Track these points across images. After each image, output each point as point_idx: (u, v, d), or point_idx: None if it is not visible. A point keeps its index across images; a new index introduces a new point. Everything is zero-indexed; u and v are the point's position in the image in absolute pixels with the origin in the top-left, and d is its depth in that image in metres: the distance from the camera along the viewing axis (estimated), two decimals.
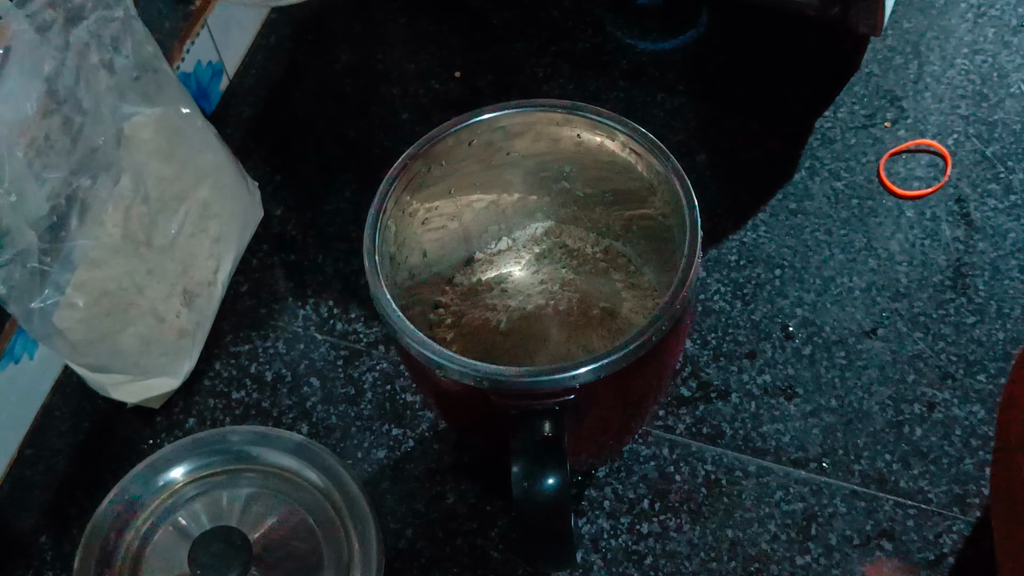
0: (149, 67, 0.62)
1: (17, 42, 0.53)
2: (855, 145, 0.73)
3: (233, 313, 0.70)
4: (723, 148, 0.74)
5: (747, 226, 0.71)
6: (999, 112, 0.74)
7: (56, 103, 0.55)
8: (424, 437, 0.65)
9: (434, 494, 0.63)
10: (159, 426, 0.66)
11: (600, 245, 0.64)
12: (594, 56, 0.79)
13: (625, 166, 0.57)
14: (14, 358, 0.64)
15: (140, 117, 0.62)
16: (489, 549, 0.61)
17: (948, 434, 0.62)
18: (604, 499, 0.62)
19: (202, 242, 0.67)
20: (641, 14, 0.81)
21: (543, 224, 0.64)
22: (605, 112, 0.55)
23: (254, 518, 0.56)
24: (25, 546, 0.63)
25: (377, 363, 0.68)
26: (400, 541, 0.62)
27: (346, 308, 0.70)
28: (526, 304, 0.61)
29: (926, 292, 0.67)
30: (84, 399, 0.67)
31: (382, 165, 0.55)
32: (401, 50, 0.81)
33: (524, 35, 0.81)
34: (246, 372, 0.68)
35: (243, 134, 0.78)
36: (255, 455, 0.58)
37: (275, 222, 0.74)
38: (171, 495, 0.57)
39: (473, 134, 0.57)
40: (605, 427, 0.57)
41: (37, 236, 0.55)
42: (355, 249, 0.54)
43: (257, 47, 0.82)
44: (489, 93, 0.78)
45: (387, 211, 0.54)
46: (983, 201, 0.70)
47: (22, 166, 0.53)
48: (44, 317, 0.57)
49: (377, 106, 0.79)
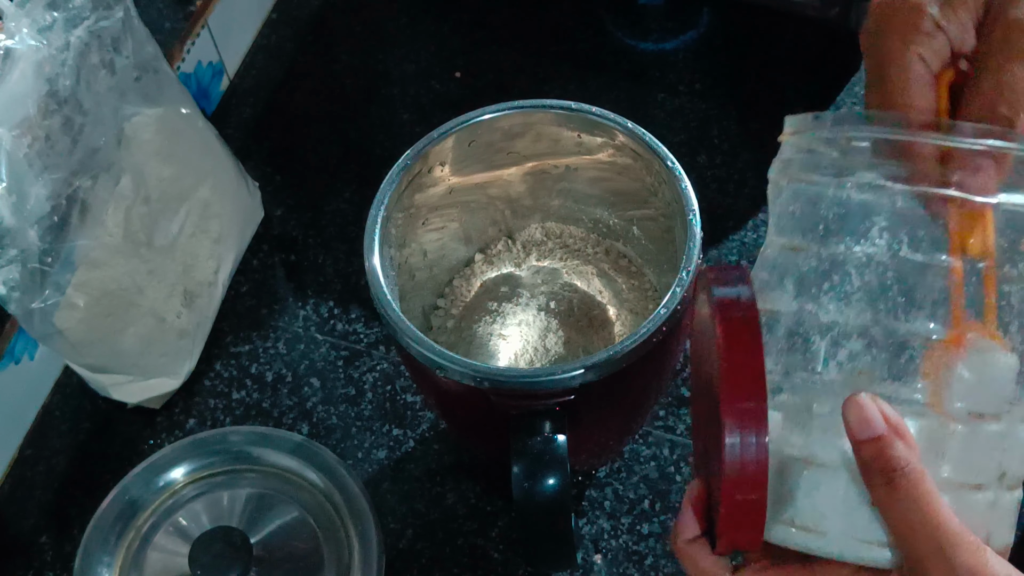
0: (150, 67, 0.62)
1: (18, 43, 0.53)
2: None
3: (233, 313, 0.70)
4: (723, 148, 0.74)
5: (747, 226, 0.71)
6: None
7: (57, 103, 0.55)
8: (424, 437, 0.65)
9: (434, 494, 0.63)
10: (159, 426, 0.67)
11: (601, 245, 0.64)
12: (594, 56, 0.79)
13: (625, 166, 0.57)
14: (14, 358, 0.64)
15: (141, 117, 0.62)
16: (489, 549, 0.61)
17: None
18: (604, 499, 0.62)
19: (202, 242, 0.67)
20: (641, 14, 0.81)
21: (543, 224, 0.64)
22: (605, 112, 0.55)
23: (254, 518, 0.56)
24: (25, 546, 0.63)
25: (377, 363, 0.68)
26: (400, 541, 0.62)
27: (346, 308, 0.70)
28: (526, 304, 0.61)
29: None
30: (84, 399, 0.67)
31: (382, 165, 0.55)
32: (401, 50, 0.81)
33: (524, 35, 0.81)
34: (246, 372, 0.68)
35: (243, 134, 0.78)
36: (255, 455, 0.58)
37: (275, 222, 0.74)
38: (171, 495, 0.57)
39: (473, 134, 0.57)
40: (605, 427, 0.57)
41: (38, 236, 0.55)
42: (355, 249, 0.54)
43: (257, 47, 0.82)
44: (489, 93, 0.78)
45: (387, 211, 0.54)
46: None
47: (23, 166, 0.53)
48: (44, 317, 0.57)
49: (377, 106, 0.79)
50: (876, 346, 0.37)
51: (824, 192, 0.38)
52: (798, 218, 0.39)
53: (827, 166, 0.39)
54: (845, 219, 0.38)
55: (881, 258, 0.37)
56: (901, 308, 0.37)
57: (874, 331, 0.37)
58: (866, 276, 0.37)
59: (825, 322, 0.37)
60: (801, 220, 0.39)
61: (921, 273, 0.37)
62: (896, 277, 0.37)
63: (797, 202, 0.39)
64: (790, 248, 0.39)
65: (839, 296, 0.37)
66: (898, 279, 0.37)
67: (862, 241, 0.37)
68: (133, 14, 0.60)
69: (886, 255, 0.37)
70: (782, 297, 0.39)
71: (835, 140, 0.39)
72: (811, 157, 0.40)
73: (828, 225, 0.38)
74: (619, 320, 0.61)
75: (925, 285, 0.37)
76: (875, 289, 0.37)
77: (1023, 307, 0.37)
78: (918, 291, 0.37)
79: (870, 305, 0.37)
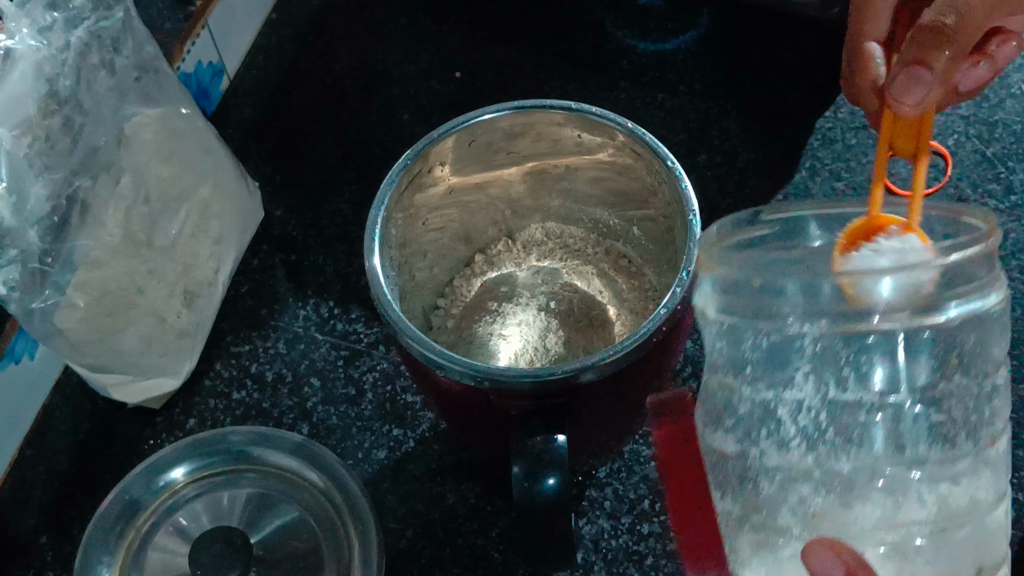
0: (150, 67, 0.62)
1: (18, 43, 0.53)
2: (856, 145, 0.73)
3: (233, 313, 0.70)
4: (723, 148, 0.74)
5: None
6: (999, 112, 0.74)
7: (57, 103, 0.55)
8: (424, 437, 0.65)
9: (434, 494, 0.63)
10: (159, 426, 0.67)
11: (601, 246, 0.64)
12: (594, 56, 0.79)
13: (625, 166, 0.57)
14: (14, 358, 0.64)
15: (141, 117, 0.62)
16: (490, 549, 0.61)
17: None
18: (605, 499, 0.62)
19: (203, 242, 0.67)
20: (641, 14, 0.81)
21: (543, 224, 0.64)
22: (605, 112, 0.55)
23: (254, 518, 0.56)
24: (25, 546, 0.63)
25: (378, 363, 0.68)
26: (401, 541, 0.62)
27: (347, 308, 0.70)
28: (526, 305, 0.61)
29: None
30: (84, 399, 0.67)
31: (382, 165, 0.55)
32: (401, 50, 0.81)
33: (524, 35, 0.81)
34: (247, 372, 0.68)
35: (243, 134, 0.78)
36: (255, 455, 0.58)
37: (275, 222, 0.74)
38: (171, 495, 0.57)
39: (473, 134, 0.57)
40: (605, 427, 0.57)
41: (38, 236, 0.55)
42: (355, 249, 0.54)
43: (257, 47, 0.82)
44: (489, 93, 0.78)
45: (388, 211, 0.54)
46: (983, 201, 0.70)
47: (23, 166, 0.53)
48: (45, 317, 0.57)
49: (377, 106, 0.79)
50: (825, 488, 0.37)
51: (744, 334, 0.39)
52: (727, 357, 0.39)
53: (746, 301, 0.39)
54: (769, 364, 0.38)
55: (811, 402, 0.37)
56: (841, 449, 0.37)
57: (818, 474, 0.37)
58: (800, 422, 0.37)
59: (770, 467, 0.38)
60: (730, 359, 0.39)
61: (853, 412, 0.37)
62: (829, 419, 0.37)
63: (722, 340, 0.40)
64: (725, 386, 0.40)
65: (778, 443, 0.37)
66: (831, 421, 0.37)
67: (790, 387, 0.38)
68: (133, 14, 0.60)
69: (815, 398, 0.37)
70: (726, 439, 0.39)
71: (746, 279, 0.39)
72: (731, 295, 0.40)
73: (754, 369, 0.38)
74: (619, 320, 0.61)
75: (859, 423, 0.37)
76: (812, 434, 0.37)
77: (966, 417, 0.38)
78: (853, 430, 0.37)
79: (811, 450, 0.37)
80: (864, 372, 0.37)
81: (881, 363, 0.37)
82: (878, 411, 0.37)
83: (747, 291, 0.39)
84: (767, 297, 0.38)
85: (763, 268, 0.39)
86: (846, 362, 0.37)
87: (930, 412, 0.37)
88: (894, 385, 0.37)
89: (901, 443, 0.37)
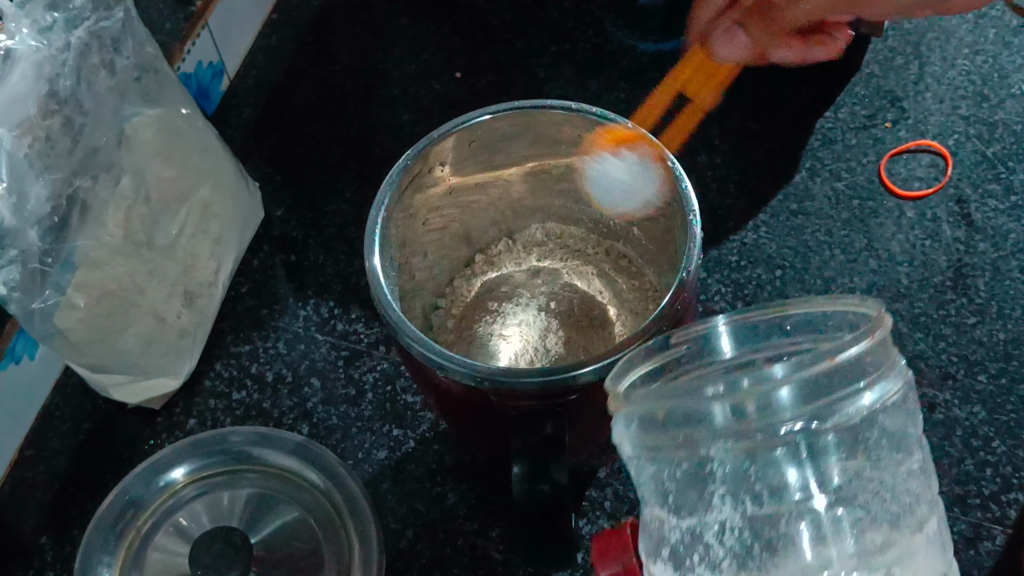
0: (150, 68, 0.62)
1: (18, 43, 0.53)
2: (856, 146, 0.73)
3: (234, 314, 0.70)
4: (723, 148, 0.74)
5: (748, 227, 0.71)
6: (1000, 113, 0.74)
7: (57, 104, 0.55)
8: (425, 438, 0.65)
9: (435, 494, 0.63)
10: (159, 427, 0.66)
11: (601, 246, 0.64)
12: (594, 56, 0.79)
13: None
14: (14, 358, 0.64)
15: (141, 118, 0.62)
16: (490, 549, 0.61)
17: (949, 434, 0.62)
18: (605, 499, 0.62)
19: (203, 243, 0.67)
20: (642, 14, 0.81)
21: (543, 224, 0.64)
22: (605, 112, 0.55)
23: (255, 518, 0.56)
24: (25, 546, 0.63)
25: (378, 364, 0.68)
26: (401, 541, 0.62)
27: (347, 309, 0.70)
28: (527, 305, 0.61)
29: (927, 293, 0.67)
30: (84, 399, 0.67)
31: (382, 165, 0.55)
32: (401, 50, 0.81)
33: (524, 35, 0.81)
34: (247, 373, 0.68)
35: (243, 134, 0.78)
36: (256, 456, 0.58)
37: (276, 223, 0.74)
38: (171, 495, 0.57)
39: (473, 134, 0.57)
40: (606, 427, 0.57)
41: (38, 236, 0.55)
42: (355, 250, 0.54)
43: (257, 47, 0.82)
44: (489, 93, 0.78)
45: (388, 212, 0.54)
46: (984, 202, 0.70)
47: (23, 166, 0.53)
48: (45, 317, 0.57)
49: (377, 106, 0.79)
50: None
51: (661, 465, 0.40)
52: (651, 489, 0.41)
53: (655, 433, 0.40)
54: (687, 490, 0.39)
55: (733, 522, 0.38)
56: (770, 562, 0.38)
57: None
58: (727, 542, 0.38)
59: None
60: (654, 491, 0.40)
61: (774, 524, 0.38)
62: (753, 535, 0.38)
63: (644, 472, 0.41)
64: (656, 517, 0.41)
65: (711, 567, 0.39)
66: (755, 536, 0.38)
67: (710, 510, 0.38)
68: (133, 14, 0.60)
69: (736, 517, 0.38)
70: (666, 569, 0.40)
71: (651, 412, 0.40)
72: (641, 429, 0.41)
73: (676, 497, 0.39)
74: (619, 320, 0.61)
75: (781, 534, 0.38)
76: (740, 552, 0.38)
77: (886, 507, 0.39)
78: (778, 541, 0.38)
79: (742, 568, 0.38)
80: (776, 483, 0.38)
81: (790, 472, 0.38)
82: (798, 519, 0.38)
83: (653, 424, 0.40)
84: (671, 427, 0.39)
85: (662, 399, 0.40)
86: (756, 477, 0.38)
87: (848, 510, 0.38)
88: (806, 491, 0.38)
89: (826, 545, 0.38)
